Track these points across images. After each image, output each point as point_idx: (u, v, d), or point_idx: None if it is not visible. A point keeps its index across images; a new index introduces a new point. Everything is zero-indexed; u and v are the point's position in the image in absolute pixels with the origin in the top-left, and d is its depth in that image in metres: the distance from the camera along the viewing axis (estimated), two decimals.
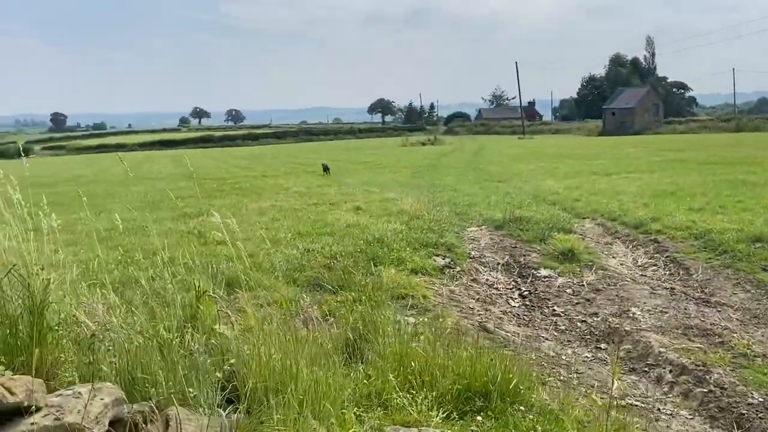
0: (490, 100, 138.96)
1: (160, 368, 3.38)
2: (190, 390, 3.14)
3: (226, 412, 3.12)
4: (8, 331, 3.12)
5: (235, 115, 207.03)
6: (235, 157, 46.49)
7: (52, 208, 4.15)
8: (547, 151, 39.33)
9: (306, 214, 12.85)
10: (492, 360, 4.16)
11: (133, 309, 4.20)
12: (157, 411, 2.91)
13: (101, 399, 2.81)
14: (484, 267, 9.10)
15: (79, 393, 2.78)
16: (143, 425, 2.87)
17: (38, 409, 2.57)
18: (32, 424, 2.49)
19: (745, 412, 4.40)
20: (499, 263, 9.27)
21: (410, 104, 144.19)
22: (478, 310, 7.30)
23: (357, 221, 11.30)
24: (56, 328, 3.35)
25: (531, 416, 3.66)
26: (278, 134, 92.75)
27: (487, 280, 8.63)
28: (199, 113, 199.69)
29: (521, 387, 3.95)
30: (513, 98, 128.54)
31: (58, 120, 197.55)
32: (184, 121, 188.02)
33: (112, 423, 2.84)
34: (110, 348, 3.45)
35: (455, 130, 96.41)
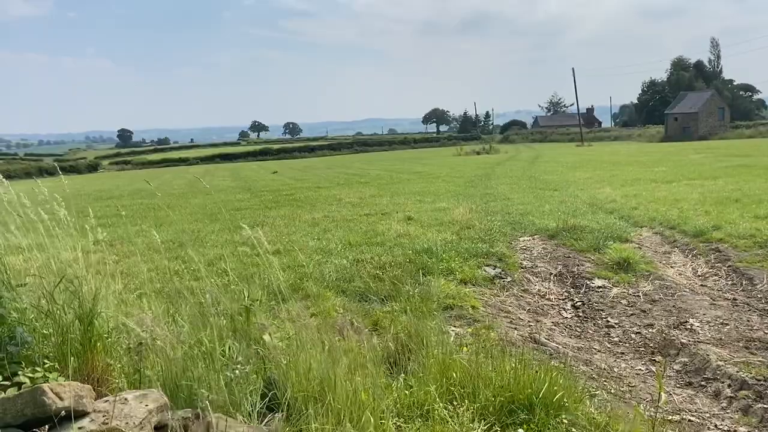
0: (546, 108, 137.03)
1: (203, 376, 3.47)
2: (232, 397, 3.21)
3: (266, 419, 3.17)
4: (60, 338, 3.28)
5: (292, 128, 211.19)
6: (291, 169, 47.36)
7: (115, 220, 4.35)
8: (605, 158, 38.39)
9: (357, 225, 12.96)
10: (537, 372, 4.08)
11: (179, 318, 4.34)
12: (199, 417, 2.99)
13: (146, 405, 2.91)
14: (536, 277, 8.94)
15: (125, 399, 2.89)
16: (185, 430, 2.95)
17: (85, 414, 2.69)
18: (79, 428, 2.60)
19: None
20: (551, 273, 9.09)
21: (465, 113, 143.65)
22: (529, 321, 7.18)
23: (407, 231, 11.32)
24: (106, 336, 3.49)
25: (575, 430, 3.56)
26: (333, 146, 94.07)
27: (538, 290, 8.47)
28: (257, 127, 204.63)
29: (567, 400, 3.85)
30: (570, 105, 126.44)
31: (124, 136, 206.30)
32: (243, 135, 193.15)
33: (157, 428, 2.93)
34: (157, 356, 3.57)
35: (511, 139, 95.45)
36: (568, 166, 32.60)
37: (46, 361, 3.21)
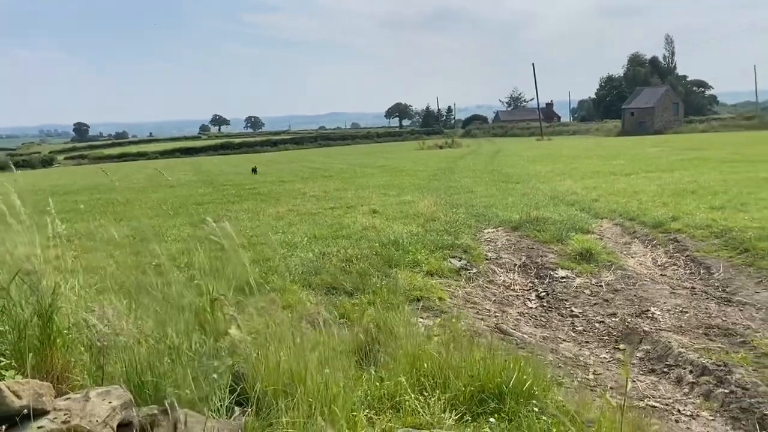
0: (507, 103, 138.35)
1: (168, 371, 3.38)
2: (200, 392, 3.13)
3: (235, 414, 3.10)
4: (17, 335, 3.14)
5: (254, 122, 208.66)
6: (254, 163, 46.77)
7: (73, 215, 4.19)
8: (565, 152, 39.00)
9: (323, 218, 12.87)
10: (506, 361, 4.10)
11: (143, 313, 4.22)
12: (165, 414, 2.90)
13: (109, 402, 2.81)
14: (501, 268, 9.02)
15: (87, 396, 2.78)
16: (151, 428, 2.86)
17: (46, 413, 2.58)
18: (39, 428, 2.49)
19: None
20: (515, 264, 9.18)
21: (427, 108, 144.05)
22: (495, 312, 7.23)
23: (373, 224, 11.29)
24: (66, 332, 3.36)
25: (545, 418, 3.59)
26: (296, 140, 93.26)
27: (503, 281, 8.55)
28: (218, 120, 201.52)
29: (536, 388, 3.88)
30: (531, 100, 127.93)
31: (80, 130, 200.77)
32: (204, 129, 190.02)
33: (121, 426, 2.83)
34: (120, 352, 3.46)
35: (473, 133, 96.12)
36: (529, 159, 33.00)
37: (2, 359, 3.07)
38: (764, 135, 49.11)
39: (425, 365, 4.08)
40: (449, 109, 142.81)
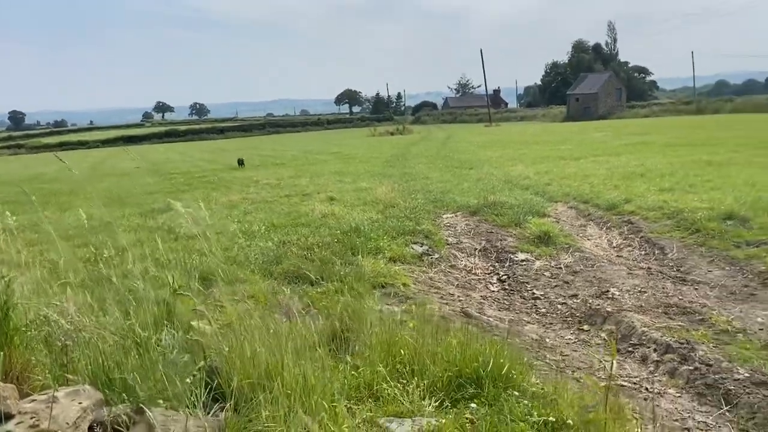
0: (456, 89, 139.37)
1: (138, 368, 3.21)
2: (173, 389, 2.98)
3: (213, 410, 2.97)
4: None
5: (199, 109, 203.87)
6: (201, 151, 45.71)
7: (15, 207, 3.93)
8: (514, 138, 39.56)
9: (279, 206, 12.66)
10: (482, 346, 4.08)
11: (105, 308, 4.01)
12: (140, 413, 2.74)
13: (79, 403, 2.64)
14: (462, 253, 9.04)
15: (55, 397, 2.60)
16: (125, 428, 2.70)
17: (11, 417, 2.39)
18: None
19: (732, 387, 4.40)
20: (476, 249, 9.22)
21: (377, 94, 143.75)
22: (459, 296, 7.24)
23: (332, 211, 11.16)
24: (24, 329, 3.14)
25: (525, 401, 3.58)
26: (244, 127, 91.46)
27: (465, 265, 8.57)
28: (162, 108, 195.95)
29: (514, 372, 3.87)
30: (479, 86, 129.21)
31: (16, 118, 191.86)
32: (147, 117, 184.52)
33: (92, 427, 2.67)
34: (85, 349, 3.27)
35: (423, 120, 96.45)
36: (479, 145, 33.34)
37: None
38: (702, 119, 51.06)
39: (402, 351, 4.02)
40: (399, 96, 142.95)
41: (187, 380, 3.05)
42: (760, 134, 27.63)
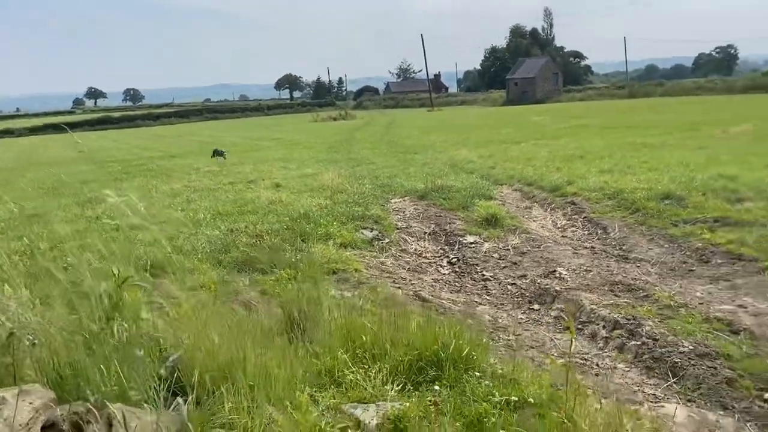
0: (397, 74, 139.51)
1: (90, 364, 3.08)
2: (131, 384, 2.87)
3: (174, 405, 2.87)
4: None
5: (133, 95, 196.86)
6: (137, 138, 44.22)
7: None
8: (457, 122, 39.99)
9: (223, 194, 12.38)
10: (440, 328, 4.11)
11: (49, 303, 3.82)
12: (95, 411, 2.62)
13: (30, 403, 2.50)
14: (412, 237, 9.09)
15: (4, 398, 2.46)
16: (81, 428, 2.58)
17: None
18: None
19: (678, 360, 4.59)
20: (426, 232, 9.28)
21: (318, 79, 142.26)
22: (411, 280, 7.27)
23: (279, 198, 11.00)
24: None
25: (487, 382, 3.63)
26: (181, 113, 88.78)
27: (415, 249, 8.62)
28: (94, 94, 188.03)
29: (474, 353, 3.92)
30: (419, 71, 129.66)
31: None
32: (78, 103, 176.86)
33: (45, 428, 2.53)
34: (30, 346, 3.10)
35: (365, 105, 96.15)
36: (423, 130, 33.51)
37: None
38: (635, 103, 52.86)
39: (363, 337, 4.00)
40: (340, 81, 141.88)
41: (145, 375, 2.94)
42: (689, 117, 28.84)
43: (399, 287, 6.88)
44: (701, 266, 7.15)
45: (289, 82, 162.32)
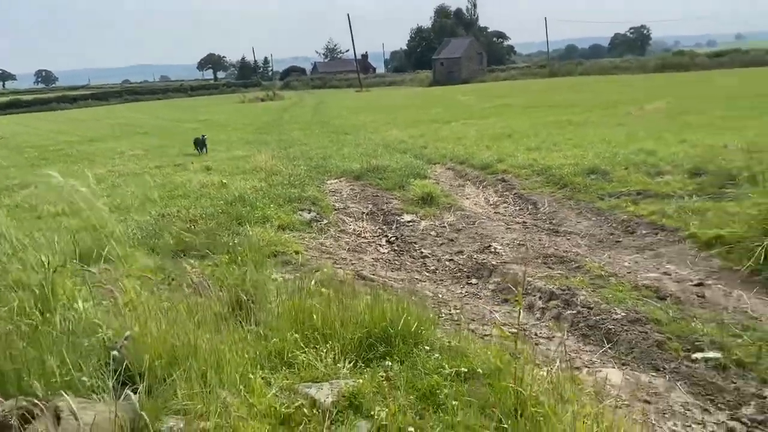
0: (324, 54, 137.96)
1: (30, 356, 2.95)
2: (78, 375, 2.77)
3: (124, 395, 2.80)
4: None
5: (45, 77, 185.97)
6: (52, 122, 41.92)
7: None
8: (386, 103, 40.09)
9: (151, 178, 11.98)
10: (388, 306, 4.16)
11: None
12: (43, 404, 2.53)
13: None
14: (350, 217, 9.11)
15: None
16: (27, 423, 2.48)
17: None
18: None
19: (612, 326, 4.84)
20: (363, 212, 9.33)
21: (243, 59, 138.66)
22: (351, 260, 7.30)
23: (211, 181, 10.77)
24: None
25: (436, 355, 3.72)
26: (98, 95, 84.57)
27: (354, 229, 8.65)
28: (2, 76, 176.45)
29: (422, 328, 4.00)
30: (347, 51, 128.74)
31: None
32: None
33: None
34: None
35: (292, 85, 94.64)
36: (353, 110, 33.43)
37: None
38: (556, 82, 54.47)
39: (310, 318, 4.00)
40: (266, 61, 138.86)
41: (92, 365, 2.85)
42: (607, 96, 30.04)
43: (340, 267, 6.90)
44: (627, 237, 7.53)
45: (212, 62, 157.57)
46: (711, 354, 4.26)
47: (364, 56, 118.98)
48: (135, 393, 2.82)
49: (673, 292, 5.49)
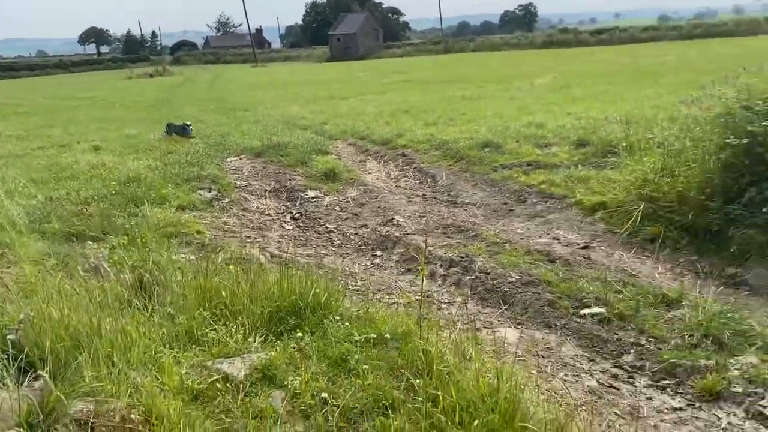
0: (216, 28, 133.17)
1: None
2: None
3: (25, 382, 2.71)
4: None
5: None
6: None
7: None
8: (283, 78, 39.44)
9: (34, 160, 11.25)
10: (296, 279, 4.22)
11: None
12: None
13: None
14: (253, 195, 9.01)
15: None
16: None
17: None
18: None
19: (507, 289, 5.16)
20: (266, 190, 9.25)
21: (129, 33, 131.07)
22: (256, 238, 7.27)
23: (101, 161, 10.26)
24: None
25: (346, 324, 3.84)
26: None
27: (257, 207, 8.58)
28: None
29: (331, 299, 4.10)
30: (240, 25, 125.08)
31: None
32: None
33: None
34: None
35: (183, 60, 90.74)
36: (249, 86, 32.69)
37: None
38: (450, 58, 55.73)
39: (219, 296, 4.00)
40: (153, 35, 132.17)
41: None
42: (498, 71, 31.17)
43: (245, 246, 6.85)
44: (519, 206, 7.96)
45: (95, 35, 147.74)
46: (596, 309, 4.66)
47: (259, 31, 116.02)
48: (38, 380, 2.74)
49: (562, 255, 5.90)
